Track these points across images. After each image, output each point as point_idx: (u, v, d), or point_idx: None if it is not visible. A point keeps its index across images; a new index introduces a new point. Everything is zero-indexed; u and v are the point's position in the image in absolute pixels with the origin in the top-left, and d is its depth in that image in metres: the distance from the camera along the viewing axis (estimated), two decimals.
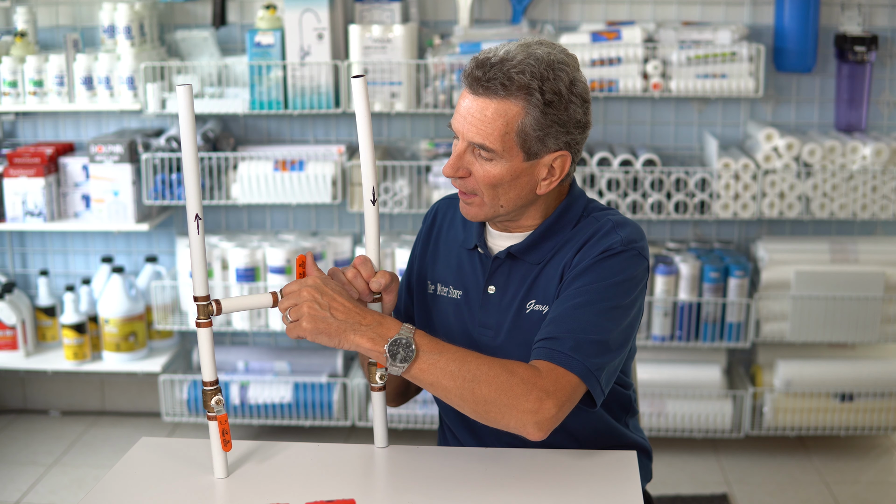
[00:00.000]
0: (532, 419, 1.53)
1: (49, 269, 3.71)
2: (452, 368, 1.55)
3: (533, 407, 1.53)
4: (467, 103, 1.66)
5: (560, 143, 1.67)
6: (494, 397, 1.53)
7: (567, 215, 1.75)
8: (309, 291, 1.57)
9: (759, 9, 3.40)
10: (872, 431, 3.43)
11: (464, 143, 1.68)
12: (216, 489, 1.59)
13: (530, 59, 1.62)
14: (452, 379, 1.54)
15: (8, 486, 3.28)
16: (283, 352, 3.62)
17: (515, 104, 1.62)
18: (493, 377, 1.54)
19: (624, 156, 3.27)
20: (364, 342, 1.55)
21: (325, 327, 1.55)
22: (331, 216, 3.62)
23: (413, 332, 1.56)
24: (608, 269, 1.66)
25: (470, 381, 1.54)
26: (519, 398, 1.53)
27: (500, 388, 1.54)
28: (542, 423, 1.54)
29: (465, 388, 1.54)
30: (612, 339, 1.63)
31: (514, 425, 1.55)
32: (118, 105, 3.32)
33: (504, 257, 1.76)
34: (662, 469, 3.33)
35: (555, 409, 1.54)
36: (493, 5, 3.44)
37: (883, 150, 3.23)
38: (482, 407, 1.54)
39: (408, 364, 1.54)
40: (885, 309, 3.32)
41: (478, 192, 1.69)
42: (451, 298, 1.81)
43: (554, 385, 1.56)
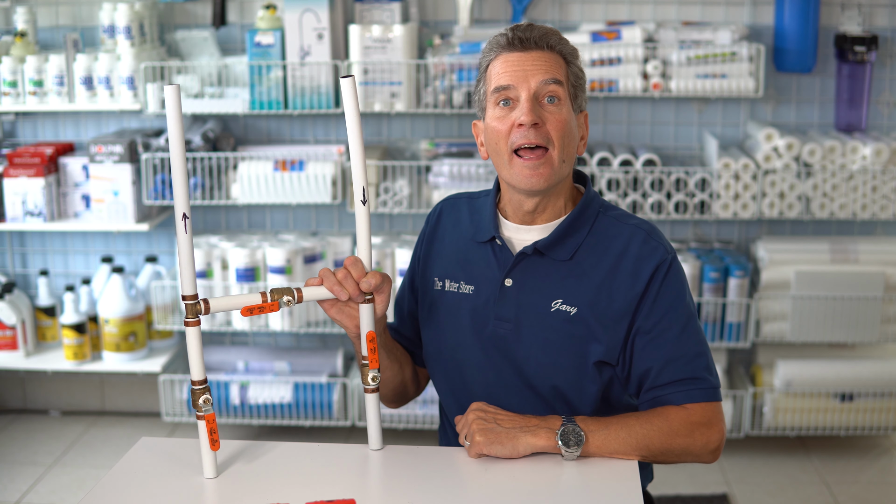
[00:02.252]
0: (706, 451, 1.70)
1: (49, 269, 3.71)
2: (622, 436, 1.67)
3: (703, 442, 1.69)
4: (520, 59, 1.74)
5: (583, 103, 1.79)
6: (668, 447, 1.68)
7: (587, 211, 1.79)
8: (474, 413, 1.69)
9: (759, 9, 3.40)
10: (872, 431, 3.43)
11: (529, 92, 1.72)
12: (215, 489, 1.59)
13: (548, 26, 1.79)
14: (627, 444, 1.66)
15: (8, 486, 3.28)
16: (283, 352, 3.62)
17: (559, 56, 1.75)
18: (657, 431, 1.68)
19: (624, 156, 3.27)
20: (537, 440, 1.65)
21: (496, 436, 1.65)
22: (331, 216, 3.62)
23: (573, 418, 1.67)
24: (676, 286, 1.75)
25: (642, 439, 1.67)
26: (687, 440, 1.68)
27: (669, 437, 1.68)
28: (715, 450, 1.71)
29: (640, 447, 1.67)
30: (708, 347, 1.77)
31: (693, 460, 1.72)
32: (118, 105, 3.32)
33: (530, 253, 1.76)
34: (662, 469, 3.33)
35: (719, 435, 1.70)
36: (493, 5, 3.44)
37: (883, 150, 3.23)
38: (661, 457, 1.69)
39: (581, 447, 1.64)
40: (885, 309, 3.32)
41: (549, 145, 1.72)
42: (462, 293, 1.81)
43: (704, 417, 1.70)
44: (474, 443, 1.64)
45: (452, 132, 3.52)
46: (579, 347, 1.73)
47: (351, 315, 1.71)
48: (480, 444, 1.63)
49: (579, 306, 1.72)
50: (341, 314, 1.71)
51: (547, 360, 1.74)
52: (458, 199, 1.91)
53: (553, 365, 1.74)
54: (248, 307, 1.61)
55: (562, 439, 1.63)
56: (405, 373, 1.88)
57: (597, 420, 1.67)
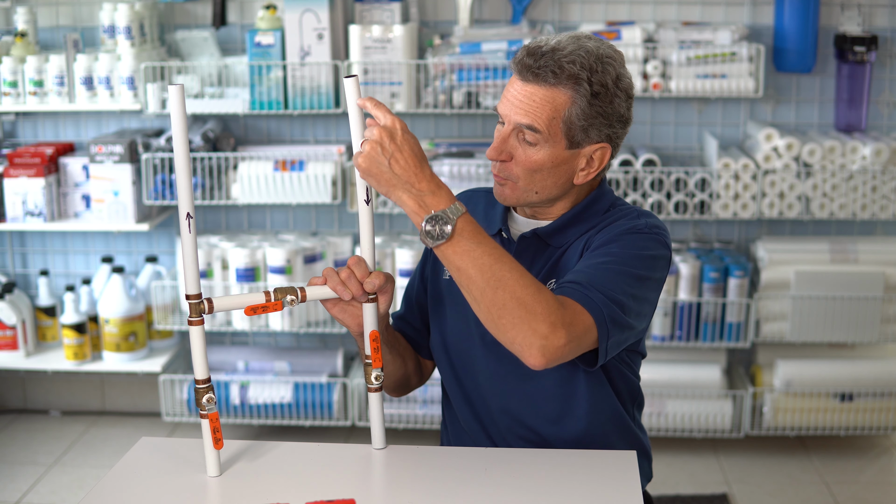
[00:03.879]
0: (539, 342, 1.50)
1: (49, 269, 3.71)
2: (485, 262, 1.52)
3: (545, 331, 1.50)
4: (516, 88, 1.68)
5: (602, 136, 1.69)
6: (512, 307, 1.51)
7: (596, 206, 1.77)
8: (380, 131, 1.54)
9: (759, 9, 3.40)
10: (872, 431, 3.43)
11: (510, 126, 1.69)
12: (216, 489, 1.59)
13: (580, 50, 1.65)
14: (480, 272, 1.52)
15: (8, 486, 3.28)
16: (283, 352, 3.62)
17: (564, 93, 1.65)
18: (520, 287, 1.51)
19: (624, 156, 3.27)
20: (410, 204, 1.53)
21: (378, 172, 1.54)
22: (331, 216, 3.62)
23: (460, 214, 1.54)
24: (633, 243, 1.67)
25: (497, 279, 1.51)
26: (536, 317, 1.50)
27: (522, 301, 1.51)
28: (547, 349, 1.51)
29: (488, 285, 1.52)
30: (627, 304, 1.61)
31: (521, 342, 1.52)
32: (118, 105, 3.32)
33: (530, 236, 1.76)
34: (662, 469, 3.34)
35: (564, 340, 1.51)
36: (493, 5, 3.44)
37: (883, 150, 3.23)
38: (497, 310, 1.52)
39: (439, 242, 1.53)
40: (885, 309, 3.32)
41: (513, 178, 1.71)
42: None
43: (571, 319, 1.53)
44: (357, 161, 1.54)
45: (452, 132, 3.52)
46: None
47: (353, 314, 1.71)
48: (360, 166, 1.54)
49: None
50: (344, 313, 1.71)
51: None
52: (477, 192, 1.92)
53: None
54: (252, 306, 1.61)
55: (427, 223, 1.52)
56: (408, 366, 1.89)
57: (478, 232, 1.54)
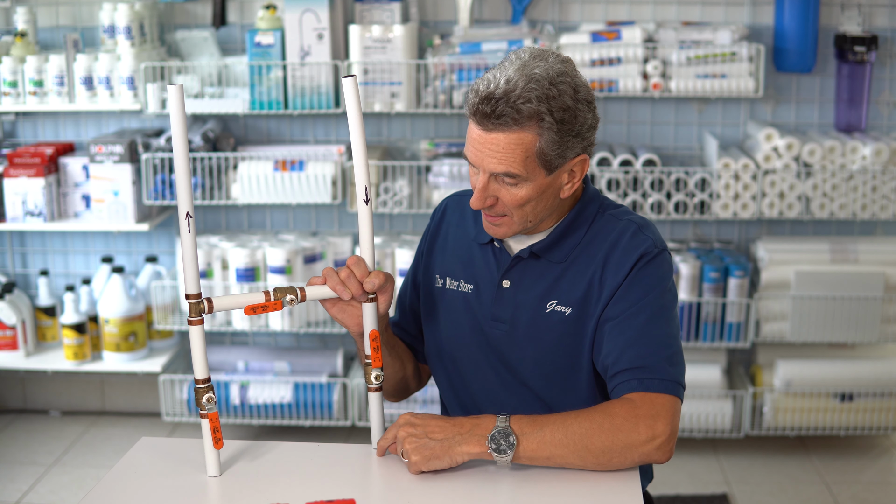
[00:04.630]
0: (652, 447, 1.57)
1: (49, 269, 3.71)
2: (559, 437, 1.57)
3: (647, 436, 1.57)
4: (480, 137, 1.64)
5: (577, 150, 1.68)
6: (609, 444, 1.57)
7: (584, 212, 1.76)
8: (404, 430, 1.63)
9: (759, 9, 3.40)
10: (872, 431, 3.43)
11: (485, 175, 1.67)
12: (216, 489, 1.59)
13: (531, 83, 1.59)
14: (564, 447, 1.57)
15: (8, 486, 3.28)
16: (283, 352, 3.62)
17: (529, 132, 1.61)
18: (597, 427, 1.57)
19: (624, 156, 3.27)
20: (471, 448, 1.59)
21: (431, 451, 1.60)
22: (331, 216, 3.62)
23: (508, 419, 1.59)
24: (653, 277, 1.69)
25: (580, 439, 1.57)
26: (630, 434, 1.56)
27: (610, 434, 1.56)
28: (662, 446, 1.57)
29: (579, 448, 1.57)
30: (677, 343, 1.68)
31: (640, 459, 1.58)
32: (118, 105, 3.32)
33: (526, 256, 1.76)
34: (662, 469, 3.33)
35: (667, 429, 1.57)
36: (493, 5, 3.44)
37: (883, 150, 3.23)
38: (604, 458, 1.57)
39: (513, 450, 1.57)
40: (885, 309, 3.32)
41: (507, 214, 1.70)
42: (461, 292, 1.82)
43: (653, 409, 1.59)
44: (411, 462, 1.60)
45: (452, 132, 3.52)
46: (574, 347, 1.73)
47: (353, 314, 1.71)
48: (418, 462, 1.59)
49: (573, 306, 1.72)
50: (343, 313, 1.71)
51: (542, 360, 1.74)
52: (465, 196, 1.91)
53: (548, 365, 1.74)
54: (252, 306, 1.61)
55: (492, 444, 1.57)
56: (407, 369, 1.89)
57: (533, 420, 1.59)
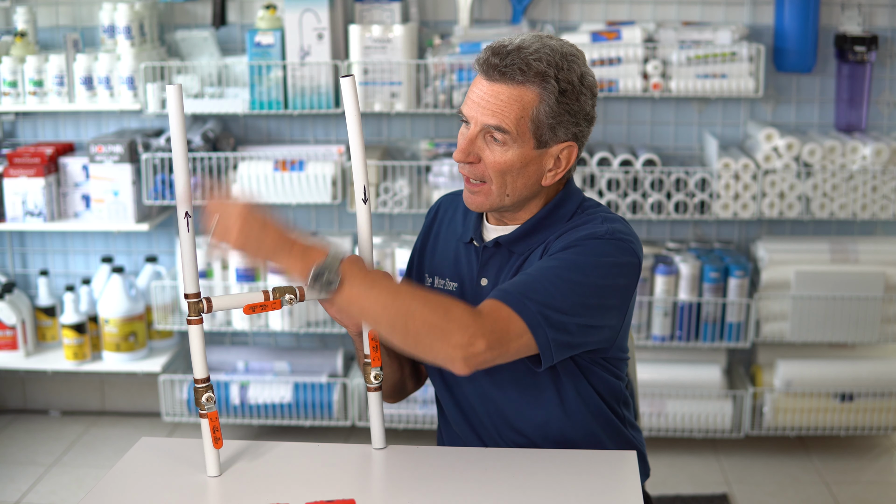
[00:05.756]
0: (460, 354, 1.51)
1: (49, 269, 3.71)
2: (383, 300, 1.53)
3: (463, 342, 1.51)
4: (481, 89, 1.66)
5: (569, 134, 1.68)
6: (425, 332, 1.52)
7: (560, 210, 1.75)
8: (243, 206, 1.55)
9: (759, 9, 3.40)
10: (872, 431, 3.43)
11: (476, 128, 1.67)
12: (216, 489, 1.59)
13: (545, 48, 1.64)
14: (384, 310, 1.53)
15: (8, 486, 3.28)
16: (283, 352, 3.62)
17: (531, 91, 1.64)
18: (428, 312, 1.52)
19: (624, 156, 3.27)
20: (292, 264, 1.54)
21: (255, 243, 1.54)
22: (331, 216, 3.62)
23: (340, 261, 1.54)
24: (591, 249, 1.64)
25: (402, 315, 1.52)
26: (450, 334, 1.51)
27: (432, 324, 1.51)
28: (469, 359, 1.52)
29: (396, 321, 1.52)
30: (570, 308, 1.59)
31: (443, 358, 1.53)
32: (118, 105, 3.32)
33: (492, 246, 1.76)
34: (662, 469, 3.34)
35: (483, 347, 1.52)
36: (493, 5, 3.44)
37: (883, 150, 3.23)
38: (412, 341, 1.53)
39: (329, 292, 1.52)
40: (885, 309, 3.32)
41: (486, 180, 1.69)
42: (447, 290, 1.82)
43: (492, 326, 1.53)
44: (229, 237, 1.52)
45: (452, 132, 3.52)
46: None
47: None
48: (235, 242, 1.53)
49: None
50: (342, 313, 1.71)
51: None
52: (458, 195, 1.91)
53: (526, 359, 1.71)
54: (251, 305, 1.61)
55: (314, 273, 1.52)
56: (404, 370, 1.89)
57: (369, 274, 1.55)
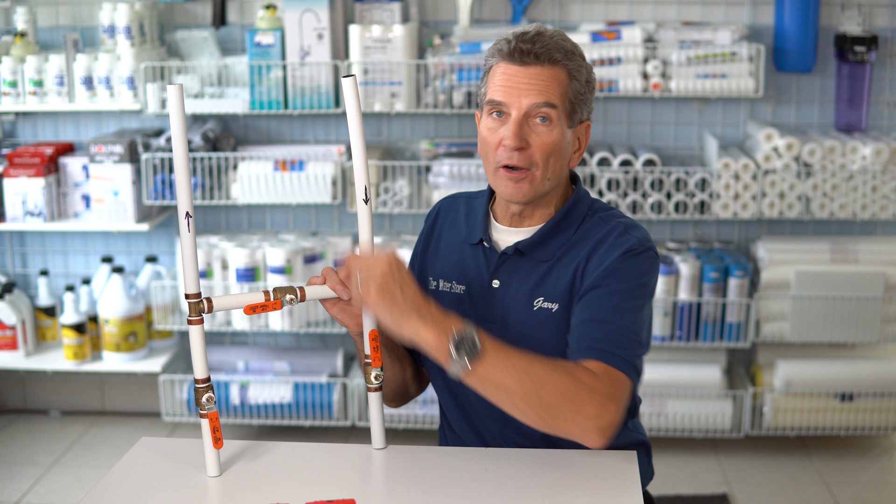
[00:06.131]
0: (595, 425, 1.53)
1: (49, 269, 3.71)
2: (520, 372, 1.51)
3: (596, 412, 1.52)
4: (516, 74, 1.68)
5: (587, 113, 1.75)
6: (558, 403, 1.51)
7: (574, 212, 1.77)
8: (388, 263, 1.55)
9: (759, 9, 3.40)
10: (872, 431, 3.43)
11: (520, 112, 1.68)
12: (216, 489, 1.59)
13: (566, 39, 1.71)
14: (520, 383, 1.51)
15: (8, 486, 3.28)
16: (283, 352, 3.62)
17: (564, 70, 1.69)
18: (558, 382, 1.52)
19: (624, 156, 3.27)
20: (426, 331, 1.52)
21: (391, 302, 1.53)
22: (331, 216, 3.62)
23: (476, 330, 1.53)
24: (633, 270, 1.68)
25: (537, 384, 1.51)
26: (583, 404, 1.52)
27: (565, 394, 1.52)
28: (605, 429, 1.53)
29: (531, 392, 1.51)
30: (643, 337, 1.67)
31: (577, 432, 1.53)
32: (118, 105, 3.32)
33: (511, 253, 1.76)
34: (662, 469, 3.34)
35: (616, 414, 1.54)
36: (493, 5, 3.44)
37: (883, 150, 3.23)
38: (546, 412, 1.52)
39: (473, 360, 1.51)
40: (885, 309, 3.32)
41: (532, 166, 1.70)
42: (454, 294, 1.82)
43: (612, 388, 1.55)
44: (367, 292, 1.53)
45: (452, 132, 3.52)
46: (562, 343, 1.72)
47: (353, 314, 1.71)
48: (372, 298, 1.53)
49: (559, 302, 1.72)
50: (343, 313, 1.71)
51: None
52: (457, 198, 1.91)
53: None
54: (251, 305, 1.61)
55: (454, 343, 1.50)
56: (406, 372, 1.89)
57: (500, 343, 1.54)
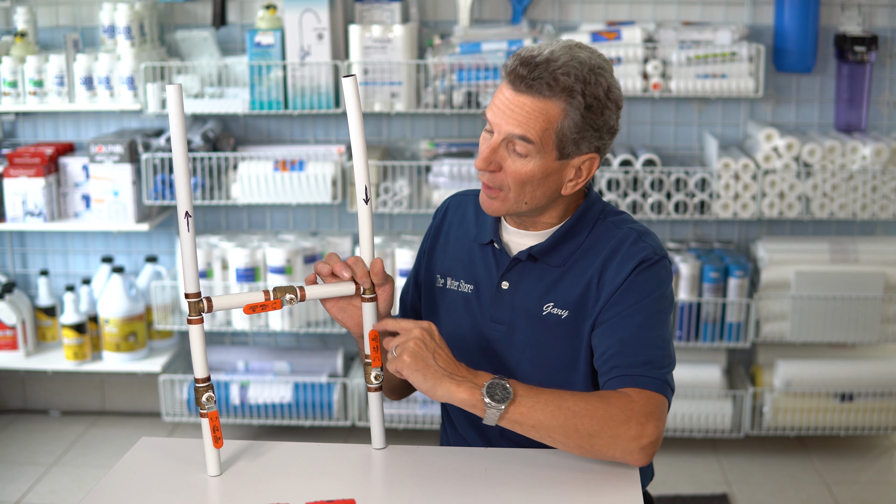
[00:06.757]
0: (637, 445, 1.56)
1: (49, 269, 3.71)
2: (552, 408, 1.56)
3: (636, 433, 1.56)
4: (508, 97, 1.65)
5: (591, 147, 1.68)
6: (598, 430, 1.55)
7: (585, 218, 1.76)
8: (421, 331, 1.60)
9: (759, 9, 3.40)
10: (872, 431, 3.43)
11: (500, 136, 1.66)
12: (216, 489, 1.59)
13: (574, 61, 1.62)
14: (554, 417, 1.56)
15: (8, 486, 3.28)
16: (283, 352, 3.62)
17: (557, 105, 1.63)
18: (592, 410, 1.56)
19: (624, 156, 3.27)
20: (459, 391, 1.57)
21: (424, 367, 1.58)
22: (331, 216, 3.62)
23: (506, 379, 1.58)
24: (651, 282, 1.69)
25: (571, 417, 1.55)
26: (621, 427, 1.55)
27: (602, 420, 1.55)
28: (647, 447, 1.56)
29: (568, 424, 1.55)
30: (671, 348, 1.69)
31: (621, 454, 1.57)
32: (118, 105, 3.32)
33: (524, 258, 1.76)
34: (662, 469, 3.34)
35: (656, 433, 1.57)
36: (493, 5, 3.44)
37: (883, 150, 3.23)
38: (587, 441, 1.56)
39: (506, 404, 1.55)
40: (885, 309, 3.32)
41: (504, 188, 1.69)
42: (462, 292, 1.82)
43: (648, 407, 1.58)
44: (401, 359, 1.58)
45: (452, 132, 3.52)
46: (571, 350, 1.73)
47: (353, 314, 1.71)
48: (406, 364, 1.57)
49: (570, 309, 1.72)
50: (343, 313, 1.71)
51: (539, 362, 1.75)
52: (467, 196, 1.91)
53: (546, 367, 1.75)
54: (251, 305, 1.61)
55: (487, 391, 1.55)
56: None
57: (530, 386, 1.59)
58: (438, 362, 1.59)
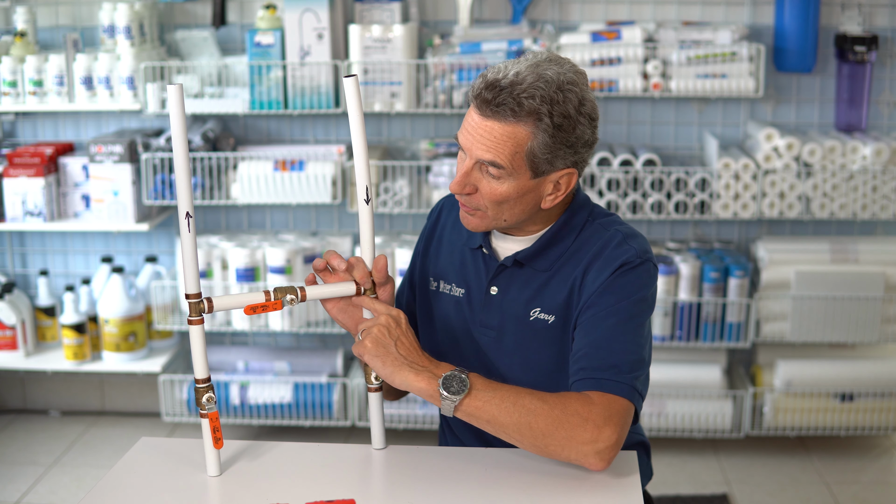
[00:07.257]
0: (592, 449, 1.54)
1: (49, 269, 3.70)
2: (507, 404, 1.56)
3: (591, 437, 1.54)
4: (475, 122, 1.64)
5: (567, 162, 1.67)
6: (552, 430, 1.54)
7: (572, 222, 1.76)
8: (387, 318, 1.62)
9: (759, 9, 3.40)
10: (872, 431, 3.43)
11: (471, 161, 1.66)
12: (216, 489, 1.59)
13: (540, 81, 1.59)
14: (508, 414, 1.55)
15: (8, 486, 3.28)
16: (283, 352, 3.62)
17: (524, 128, 1.61)
18: (548, 410, 1.55)
19: (624, 156, 3.27)
20: (417, 380, 1.58)
21: (384, 353, 1.59)
22: (330, 216, 3.62)
23: (466, 372, 1.58)
24: (630, 285, 1.67)
25: (526, 414, 1.55)
26: (576, 429, 1.54)
27: (557, 421, 1.54)
28: (603, 451, 1.55)
29: (522, 422, 1.55)
30: (645, 353, 1.67)
31: (576, 457, 1.56)
32: (118, 105, 3.32)
33: (510, 264, 1.76)
34: (662, 469, 3.34)
35: (614, 437, 1.55)
36: (493, 5, 3.44)
37: (883, 150, 3.23)
38: (541, 440, 1.55)
39: (461, 396, 1.55)
40: (885, 309, 3.32)
41: (482, 208, 1.70)
42: (453, 296, 1.82)
43: (607, 412, 1.56)
44: (363, 344, 1.60)
45: (452, 132, 3.52)
46: (559, 354, 1.74)
47: (353, 315, 1.71)
48: (367, 350, 1.60)
49: (556, 314, 1.72)
50: (343, 314, 1.71)
51: (529, 367, 1.76)
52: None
53: (535, 371, 1.75)
54: (252, 306, 1.61)
55: (443, 383, 1.56)
56: None
57: (490, 381, 1.59)
58: (400, 350, 1.60)
